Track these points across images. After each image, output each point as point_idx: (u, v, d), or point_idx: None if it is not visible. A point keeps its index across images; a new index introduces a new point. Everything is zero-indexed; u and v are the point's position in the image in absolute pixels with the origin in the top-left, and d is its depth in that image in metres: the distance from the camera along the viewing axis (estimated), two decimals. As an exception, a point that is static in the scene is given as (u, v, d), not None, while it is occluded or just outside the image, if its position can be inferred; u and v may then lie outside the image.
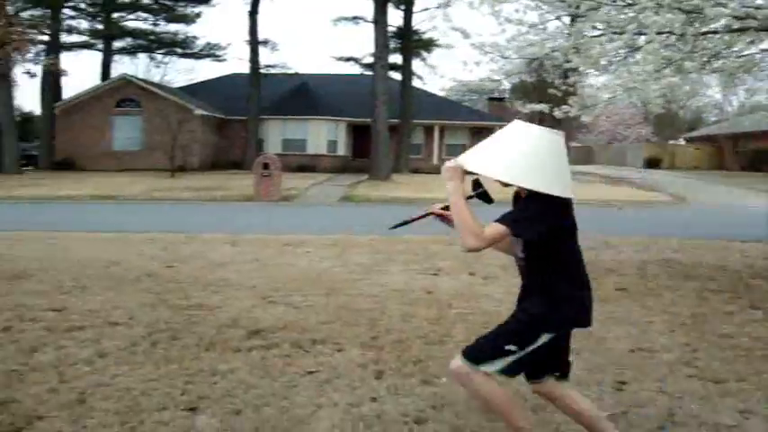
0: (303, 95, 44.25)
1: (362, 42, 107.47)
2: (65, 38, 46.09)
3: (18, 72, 38.22)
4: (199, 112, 38.92)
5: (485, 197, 3.50)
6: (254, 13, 41.01)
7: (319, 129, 42.48)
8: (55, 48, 40.66)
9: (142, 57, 53.40)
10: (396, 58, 42.03)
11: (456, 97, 64.64)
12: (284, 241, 13.11)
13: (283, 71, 43.11)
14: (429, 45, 45.58)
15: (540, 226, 3.25)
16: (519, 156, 3.27)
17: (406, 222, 3.79)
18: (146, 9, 49.06)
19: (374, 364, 5.61)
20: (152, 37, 49.93)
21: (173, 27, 50.37)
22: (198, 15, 50.31)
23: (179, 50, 51.22)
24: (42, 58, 39.40)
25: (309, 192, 28.56)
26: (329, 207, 23.81)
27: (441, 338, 6.41)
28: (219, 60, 51.53)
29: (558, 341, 3.46)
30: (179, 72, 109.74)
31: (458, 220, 3.23)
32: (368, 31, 51.08)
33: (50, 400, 4.73)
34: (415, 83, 43.80)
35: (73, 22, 47.18)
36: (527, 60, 12.25)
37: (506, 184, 3.32)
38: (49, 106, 39.67)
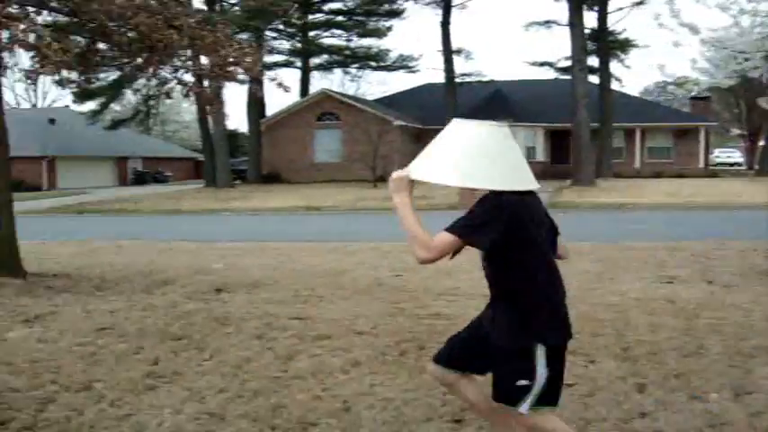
0: (499, 102, 43.94)
1: (556, 46, 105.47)
2: (266, 58, 48.34)
3: (225, 91, 40.10)
4: (397, 122, 39.57)
5: None
6: (446, 23, 41.26)
7: (517, 135, 41.61)
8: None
9: (337, 72, 54.93)
10: (592, 61, 40.82)
11: (650, 98, 61.91)
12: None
13: (478, 79, 43.01)
14: (625, 46, 43.96)
15: (493, 232, 2.99)
16: (460, 155, 3.06)
17: None
18: (340, 26, 50.55)
19: (633, 377, 5.31)
20: (347, 52, 51.34)
21: (365, 41, 51.61)
22: (389, 29, 51.20)
23: (373, 64, 52.31)
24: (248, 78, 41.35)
25: (512, 199, 28.12)
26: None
27: (696, 350, 5.99)
28: (412, 71, 52.10)
29: (553, 363, 3.19)
30: (371, 84, 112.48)
31: (408, 233, 3.06)
32: (561, 34, 50.02)
33: (318, 408, 4.76)
34: (613, 85, 42.35)
35: (275, 43, 49.49)
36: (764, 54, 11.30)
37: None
38: (255, 123, 41.73)
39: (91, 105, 42.06)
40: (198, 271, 10.72)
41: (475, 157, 3.07)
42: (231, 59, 9.36)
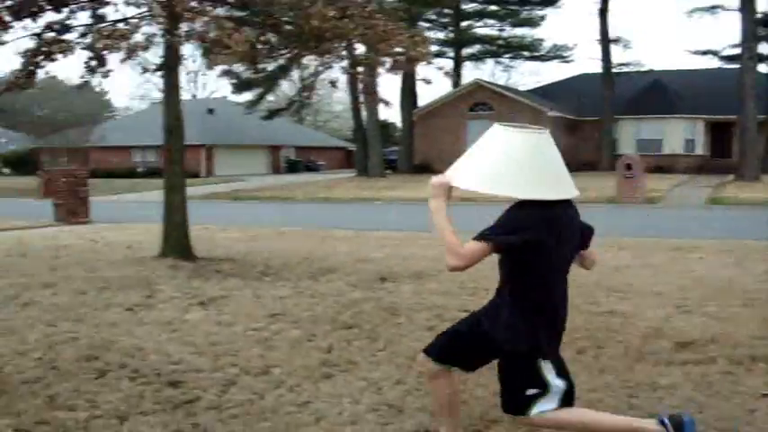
0: (657, 93, 42.25)
1: (720, 34, 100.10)
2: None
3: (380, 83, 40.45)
4: (551, 113, 38.76)
5: None
6: (604, 11, 40.00)
7: (676, 128, 40.30)
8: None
9: (489, 62, 54.45)
10: (762, 48, 38.45)
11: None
12: (672, 246, 12.26)
13: (636, 69, 41.50)
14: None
15: (514, 236, 3.04)
16: (494, 162, 3.07)
17: None
18: (493, 15, 50.01)
19: None
20: (500, 42, 50.76)
21: (518, 31, 50.84)
22: (543, 18, 50.35)
23: (526, 54, 51.60)
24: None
25: (672, 193, 26.99)
26: (697, 210, 22.19)
27: None
28: (566, 61, 50.88)
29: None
30: (522, 75, 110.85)
31: (440, 236, 3.08)
32: (727, 20, 47.31)
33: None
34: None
35: (428, 33, 49.53)
36: None
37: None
38: (408, 113, 41.94)
39: (248, 96, 43.56)
40: (359, 259, 10.76)
41: (504, 164, 3.07)
42: (402, 49, 9.28)
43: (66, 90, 54.60)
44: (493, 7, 49.52)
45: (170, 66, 9.97)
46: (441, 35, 50.09)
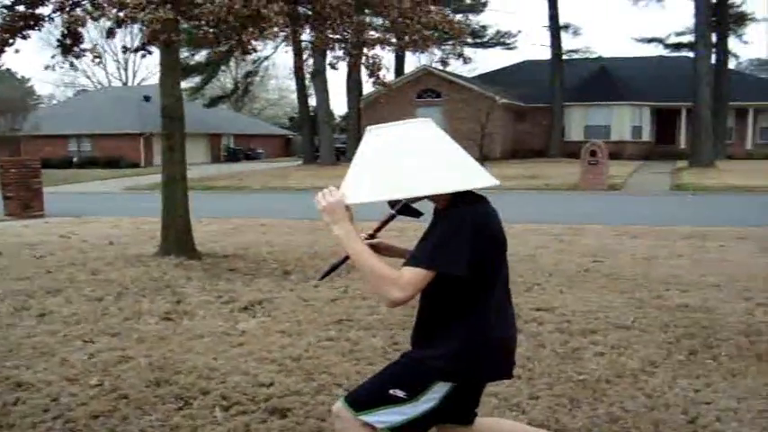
0: (605, 80, 42.47)
1: (665, 22, 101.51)
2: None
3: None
4: (501, 100, 38.43)
5: (409, 211, 2.83)
6: (554, -3, 39.81)
7: (623, 114, 40.53)
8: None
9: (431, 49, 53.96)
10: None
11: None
12: (683, 234, 11.89)
13: (586, 56, 41.58)
14: (743, 20, 41.80)
15: (462, 254, 2.48)
16: (391, 164, 2.52)
17: (333, 269, 3.02)
18: (435, 2, 49.39)
19: None
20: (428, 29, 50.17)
21: (461, 17, 50.40)
22: (485, 4, 49.97)
23: (469, 40, 51.15)
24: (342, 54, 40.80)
25: (632, 180, 26.91)
26: (664, 197, 22.07)
27: None
28: (510, 48, 50.78)
29: (464, 394, 2.73)
30: (457, 62, 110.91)
31: (367, 271, 2.52)
32: (672, 9, 47.86)
33: (655, 419, 4.04)
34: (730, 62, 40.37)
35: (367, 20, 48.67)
36: None
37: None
38: (355, 100, 41.09)
39: (185, 84, 42.04)
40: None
41: (406, 162, 2.52)
42: (432, 24, 8.57)
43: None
44: (433, -8, 48.93)
45: (166, 43, 8.98)
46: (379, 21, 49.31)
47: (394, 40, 10.90)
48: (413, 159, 2.51)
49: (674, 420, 4.03)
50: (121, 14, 8.64)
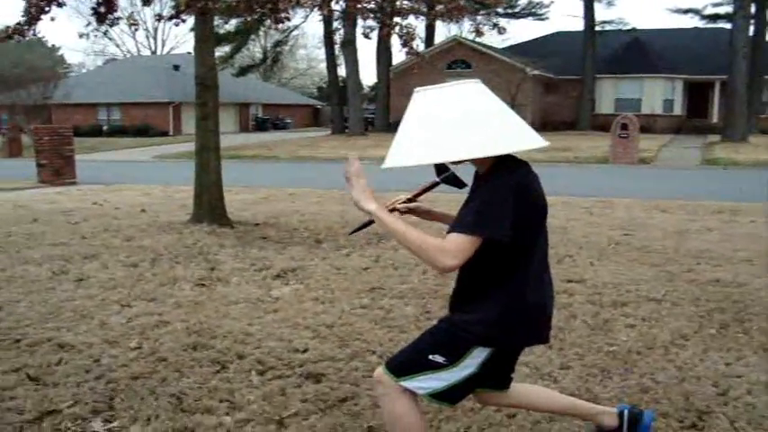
0: (637, 52, 41.84)
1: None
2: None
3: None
4: (532, 71, 38.11)
5: (454, 181, 2.88)
6: (586, -33, 39.21)
7: (655, 87, 40.01)
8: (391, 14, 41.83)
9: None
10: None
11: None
12: (713, 208, 11.81)
13: (619, 27, 40.98)
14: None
15: (506, 218, 2.45)
16: (434, 127, 2.45)
17: (365, 225, 2.99)
18: (467, -30, 48.96)
19: None
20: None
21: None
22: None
23: (500, 10, 50.64)
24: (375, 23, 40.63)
25: (662, 154, 26.66)
26: (694, 171, 21.84)
27: None
28: (541, 19, 50.30)
29: (501, 359, 2.76)
30: (491, 34, 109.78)
31: (411, 244, 2.49)
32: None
33: (691, 392, 4.04)
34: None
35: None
36: None
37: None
38: (385, 71, 40.96)
39: (217, 53, 42.13)
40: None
41: (454, 123, 2.45)
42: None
43: (13, 46, 52.36)
44: (464, -37, 48.43)
45: (202, 11, 9.02)
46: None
47: (433, 9, 10.83)
48: (457, 121, 2.46)
49: (704, 392, 4.05)
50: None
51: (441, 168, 2.94)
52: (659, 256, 7.87)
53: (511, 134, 2.52)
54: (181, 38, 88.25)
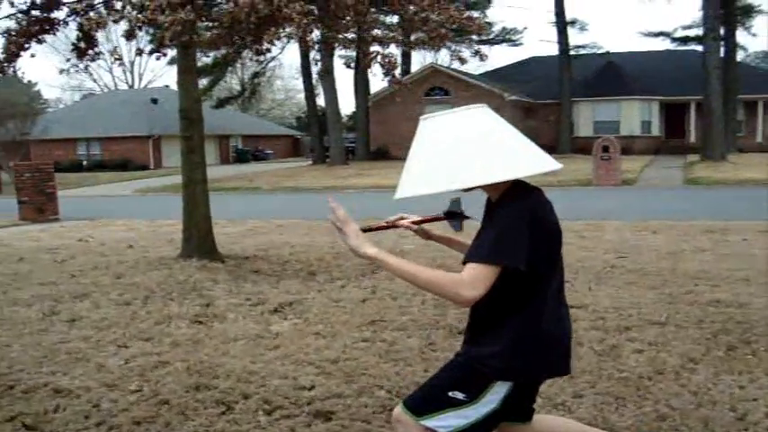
0: (612, 75, 42.24)
1: (669, 16, 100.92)
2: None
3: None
4: (510, 96, 38.32)
5: (458, 217, 2.88)
6: (561, -7, 39.63)
7: (632, 109, 40.35)
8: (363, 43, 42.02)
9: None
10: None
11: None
12: (702, 228, 11.81)
13: (593, 51, 41.39)
14: (750, 11, 41.58)
15: (522, 246, 2.38)
16: (440, 154, 2.41)
17: (380, 228, 2.95)
18: (440, -1, 49.34)
19: None
20: (448, 26, 50.10)
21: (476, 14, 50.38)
22: (490, 1, 49.82)
23: (474, 38, 51.02)
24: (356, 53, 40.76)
25: (645, 175, 26.80)
26: (677, 190, 21.97)
27: None
28: (515, 45, 50.61)
29: (523, 392, 2.65)
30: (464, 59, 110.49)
31: (425, 283, 2.40)
32: (678, 1, 47.71)
33: (705, 417, 3.96)
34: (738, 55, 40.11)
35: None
36: None
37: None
38: (363, 99, 41.04)
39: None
40: (392, 251, 9.89)
41: (456, 150, 2.41)
42: (451, 21, 8.54)
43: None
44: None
45: (185, 45, 8.95)
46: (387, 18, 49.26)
47: (410, 38, 10.86)
48: (472, 146, 2.40)
49: (722, 418, 3.97)
50: (141, 17, 8.62)
51: (452, 207, 2.89)
52: (656, 279, 7.83)
53: (527, 157, 2.46)
54: (158, 71, 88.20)
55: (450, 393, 2.58)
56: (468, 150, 2.40)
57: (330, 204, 2.47)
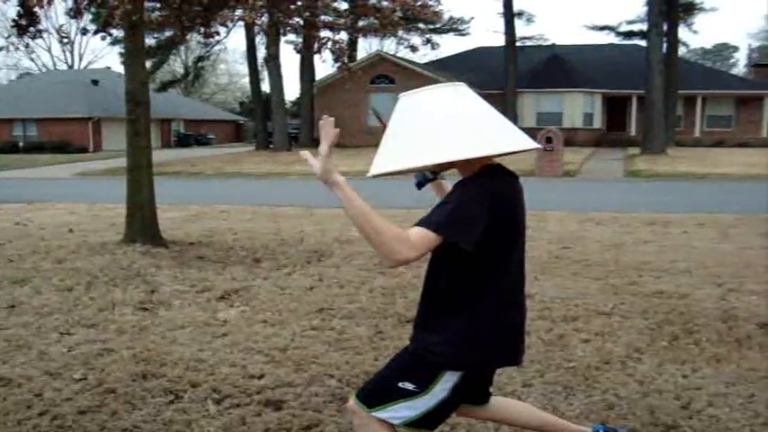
0: (557, 67, 42.69)
1: (614, 10, 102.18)
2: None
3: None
4: (455, 86, 38.44)
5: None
6: (508, -18, 39.87)
7: (575, 101, 40.85)
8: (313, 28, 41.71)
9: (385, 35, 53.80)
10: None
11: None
12: (645, 220, 12.04)
13: (539, 43, 41.74)
14: (692, 9, 42.41)
15: (474, 227, 2.35)
16: (417, 131, 2.39)
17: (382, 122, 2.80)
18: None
19: None
20: (396, 14, 50.11)
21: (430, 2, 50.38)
22: (437, -10, 49.91)
23: (421, 26, 51.08)
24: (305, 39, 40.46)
25: (586, 167, 27.21)
26: (618, 182, 22.40)
27: None
28: (462, 35, 50.79)
29: (474, 381, 2.67)
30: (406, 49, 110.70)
31: (370, 227, 2.28)
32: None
33: (655, 406, 4.04)
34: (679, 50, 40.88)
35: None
36: None
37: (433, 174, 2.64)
38: (308, 85, 40.77)
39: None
40: (339, 240, 9.90)
41: (431, 127, 2.38)
42: (405, 8, 8.54)
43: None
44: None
45: (133, 25, 8.75)
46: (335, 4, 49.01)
47: (360, 24, 10.81)
48: (449, 122, 2.38)
49: (668, 406, 4.05)
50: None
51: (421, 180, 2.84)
52: (601, 269, 7.94)
53: (505, 135, 2.45)
54: (99, 52, 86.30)
55: (399, 384, 2.56)
56: (446, 127, 2.37)
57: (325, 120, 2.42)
